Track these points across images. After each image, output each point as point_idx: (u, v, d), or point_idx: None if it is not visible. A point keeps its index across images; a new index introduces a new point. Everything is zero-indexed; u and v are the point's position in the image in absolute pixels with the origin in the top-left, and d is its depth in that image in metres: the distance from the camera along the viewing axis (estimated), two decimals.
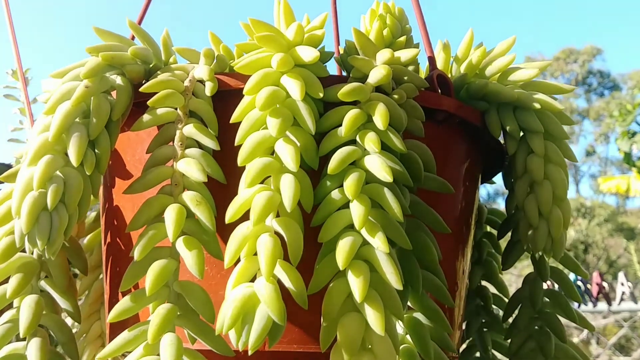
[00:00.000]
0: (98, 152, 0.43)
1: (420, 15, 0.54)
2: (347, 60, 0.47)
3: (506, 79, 0.52)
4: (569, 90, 0.53)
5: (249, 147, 0.40)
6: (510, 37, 0.55)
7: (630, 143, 4.94)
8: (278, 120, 0.40)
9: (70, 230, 0.40)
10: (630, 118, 5.00)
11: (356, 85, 0.42)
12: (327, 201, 0.41)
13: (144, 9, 0.59)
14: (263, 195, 0.39)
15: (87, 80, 0.43)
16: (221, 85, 0.45)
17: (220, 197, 0.43)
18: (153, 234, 0.40)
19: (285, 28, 0.47)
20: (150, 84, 0.43)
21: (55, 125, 0.41)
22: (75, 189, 0.40)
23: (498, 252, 0.65)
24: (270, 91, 0.41)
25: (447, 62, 0.58)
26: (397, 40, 0.52)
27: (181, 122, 0.44)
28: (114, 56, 0.45)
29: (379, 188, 0.40)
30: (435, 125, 0.48)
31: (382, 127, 0.41)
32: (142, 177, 0.42)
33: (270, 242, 0.37)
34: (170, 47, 0.51)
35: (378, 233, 0.38)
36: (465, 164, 0.53)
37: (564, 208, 0.51)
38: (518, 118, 0.51)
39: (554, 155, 0.50)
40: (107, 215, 0.51)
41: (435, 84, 0.50)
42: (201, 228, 0.41)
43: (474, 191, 0.55)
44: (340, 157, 0.40)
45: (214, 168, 0.42)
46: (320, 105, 0.44)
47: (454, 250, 0.52)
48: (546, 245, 0.51)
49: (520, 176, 0.52)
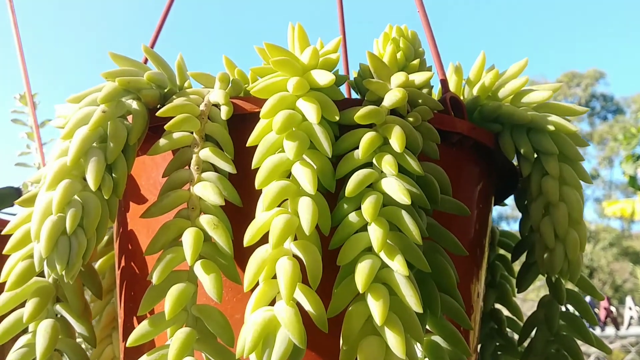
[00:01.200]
0: (115, 176, 0.43)
1: (432, 38, 0.54)
2: (362, 83, 0.47)
3: (519, 101, 0.52)
4: (582, 112, 0.53)
5: (266, 170, 0.40)
6: (522, 60, 0.55)
7: (635, 166, 4.94)
8: (295, 144, 0.40)
9: (89, 254, 0.40)
10: (635, 141, 5.00)
11: (372, 108, 0.43)
12: (344, 224, 0.41)
13: (156, 34, 0.59)
14: (281, 219, 0.39)
15: (104, 105, 0.43)
16: (237, 109, 0.45)
17: (237, 221, 0.43)
18: (171, 257, 0.40)
19: (300, 52, 0.47)
20: (167, 108, 0.43)
21: (74, 150, 0.41)
22: (93, 213, 0.40)
23: (511, 274, 0.65)
24: (287, 114, 0.41)
25: (459, 84, 0.58)
26: (410, 63, 0.52)
27: (197, 146, 0.44)
28: (130, 81, 0.45)
29: (397, 211, 0.40)
30: (449, 147, 0.49)
31: (399, 150, 0.41)
32: (159, 201, 0.42)
33: (290, 265, 0.37)
34: (185, 71, 0.51)
35: (397, 256, 0.38)
36: (479, 186, 0.53)
37: (580, 230, 0.51)
38: (532, 140, 0.51)
39: (569, 177, 0.50)
40: (122, 240, 0.51)
41: (449, 107, 0.50)
42: (218, 251, 0.41)
43: (488, 213, 0.55)
44: (357, 180, 0.40)
45: (230, 191, 0.42)
46: (335, 128, 0.44)
47: (469, 272, 0.52)
48: (563, 267, 0.50)
49: (535, 198, 0.52)
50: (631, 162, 4.94)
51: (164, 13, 0.61)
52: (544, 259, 0.52)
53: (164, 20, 0.61)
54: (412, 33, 0.54)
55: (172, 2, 0.62)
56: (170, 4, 0.61)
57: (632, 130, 5.09)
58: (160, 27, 0.60)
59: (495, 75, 0.54)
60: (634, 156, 4.95)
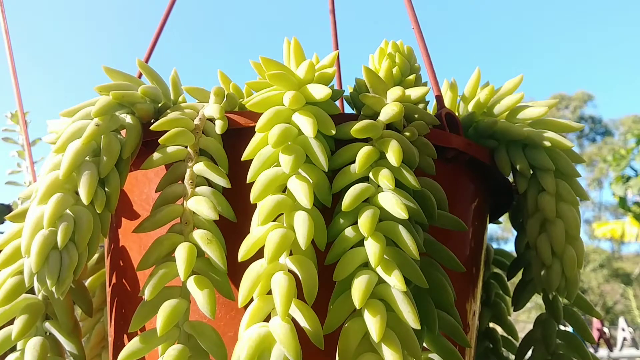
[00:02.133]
0: (108, 190, 0.43)
1: (427, 54, 0.54)
2: (358, 98, 0.47)
3: (515, 117, 0.52)
4: (578, 128, 0.53)
5: (262, 184, 0.40)
6: (517, 76, 0.55)
7: (624, 187, 4.96)
8: (291, 158, 0.40)
9: (80, 269, 0.39)
10: (624, 163, 5.03)
11: (369, 122, 0.42)
12: (341, 239, 0.40)
13: (151, 49, 0.59)
14: (277, 233, 0.38)
15: (97, 119, 0.43)
16: (231, 123, 0.45)
17: (231, 236, 0.42)
18: (163, 273, 0.39)
19: (296, 67, 0.47)
20: (161, 122, 0.43)
21: (66, 164, 0.40)
22: (85, 228, 0.40)
23: (506, 293, 0.65)
24: (283, 128, 0.41)
25: (454, 100, 0.58)
26: (406, 78, 0.52)
27: (191, 160, 0.43)
28: (125, 95, 0.45)
29: (394, 225, 0.39)
30: (445, 163, 0.48)
31: (396, 164, 0.40)
32: (152, 216, 0.42)
33: (285, 280, 0.37)
34: (180, 86, 0.51)
35: (394, 271, 0.37)
36: (474, 203, 0.52)
37: (577, 247, 0.50)
38: (528, 156, 0.51)
39: (566, 194, 0.50)
40: (113, 256, 0.50)
41: (444, 122, 0.50)
42: (212, 267, 0.40)
43: (483, 230, 0.55)
44: (354, 194, 0.40)
45: (224, 206, 0.42)
46: (332, 143, 0.43)
47: (465, 290, 0.51)
48: (560, 284, 0.50)
49: (532, 215, 0.51)
50: (621, 184, 4.97)
51: (159, 28, 0.61)
52: (541, 276, 0.51)
53: (159, 35, 0.61)
54: (407, 48, 0.54)
55: (167, 17, 0.61)
56: (165, 19, 0.61)
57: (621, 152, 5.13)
58: (155, 42, 0.59)
59: (491, 91, 0.54)
60: (623, 177, 4.98)
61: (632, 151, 5.06)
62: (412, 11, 0.55)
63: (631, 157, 5.05)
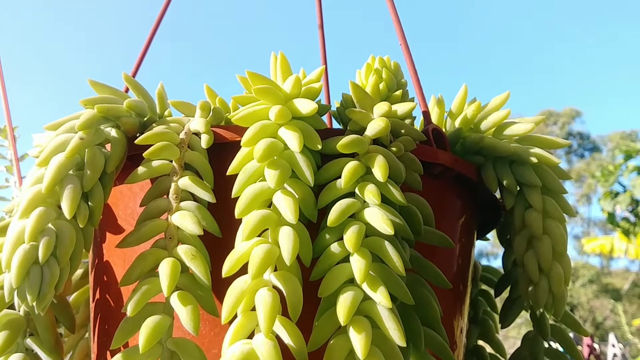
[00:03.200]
0: (91, 204, 0.42)
1: (414, 70, 0.54)
2: (345, 113, 0.46)
3: (501, 134, 0.52)
4: (565, 144, 0.53)
5: (247, 199, 0.40)
6: (504, 93, 0.55)
7: (613, 203, 4.98)
8: (276, 172, 0.40)
9: (62, 284, 0.39)
10: (613, 178, 5.05)
11: (355, 137, 0.42)
12: (326, 255, 0.40)
13: (138, 62, 0.59)
14: (261, 249, 0.38)
15: (81, 132, 0.42)
16: (217, 137, 0.44)
17: (216, 251, 0.42)
18: (146, 288, 0.39)
19: (282, 81, 0.47)
20: (146, 136, 0.43)
21: (49, 177, 0.40)
22: (67, 242, 0.39)
23: (494, 310, 0.64)
24: (269, 143, 0.40)
25: (441, 116, 0.58)
26: (393, 94, 0.52)
27: (176, 175, 0.43)
28: (110, 108, 0.44)
29: (380, 241, 0.39)
30: (431, 179, 0.48)
31: (382, 179, 0.40)
32: (136, 230, 0.41)
33: (269, 296, 0.36)
34: (166, 100, 0.50)
35: (380, 288, 0.37)
36: (462, 219, 0.52)
37: (564, 264, 0.50)
38: (515, 172, 0.51)
39: (553, 210, 0.50)
40: (97, 271, 0.50)
41: (431, 138, 0.49)
42: (196, 283, 0.40)
43: (470, 247, 0.55)
44: (339, 210, 0.40)
45: (209, 221, 0.41)
46: (318, 158, 0.43)
47: (452, 307, 0.51)
48: (547, 301, 0.50)
49: (519, 231, 0.51)
50: (609, 199, 4.99)
51: (147, 42, 0.61)
52: (528, 293, 0.51)
53: (147, 49, 0.60)
54: (394, 64, 0.54)
55: (155, 31, 0.61)
56: (153, 33, 0.61)
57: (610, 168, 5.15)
58: (143, 56, 0.59)
59: (478, 107, 0.54)
60: (612, 193, 5.00)
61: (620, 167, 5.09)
62: (400, 27, 0.55)
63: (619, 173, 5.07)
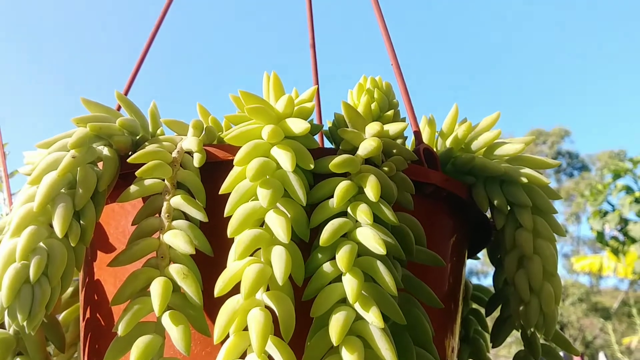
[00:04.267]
0: (83, 223, 0.42)
1: (406, 90, 0.55)
2: (337, 133, 0.47)
3: (492, 154, 0.53)
4: (554, 165, 0.53)
5: (239, 218, 0.40)
6: (494, 113, 0.55)
7: (602, 222, 5.01)
8: (269, 191, 0.40)
9: (53, 304, 0.38)
10: (602, 198, 5.08)
11: (347, 157, 0.42)
12: (318, 274, 0.40)
13: (131, 81, 0.59)
14: (253, 268, 0.38)
15: (74, 151, 0.42)
16: (210, 156, 0.44)
17: (207, 270, 0.42)
18: (138, 308, 0.39)
19: (275, 101, 0.47)
20: (138, 155, 0.43)
21: (41, 196, 0.40)
22: (59, 261, 0.39)
23: (485, 329, 0.64)
24: (261, 162, 0.41)
25: (433, 136, 0.58)
26: (384, 114, 0.52)
27: (168, 193, 0.43)
28: (102, 127, 0.44)
29: (372, 261, 0.39)
30: (423, 198, 0.48)
31: (374, 199, 0.40)
32: (127, 249, 0.41)
33: (262, 316, 0.36)
34: (158, 118, 0.51)
35: (372, 307, 0.37)
36: (453, 239, 0.52)
37: (554, 283, 0.50)
38: (505, 192, 0.51)
39: (543, 230, 0.50)
40: (87, 290, 0.49)
41: (422, 158, 0.50)
42: (188, 302, 0.40)
43: (461, 266, 0.55)
44: (332, 229, 0.40)
45: (201, 240, 0.41)
46: (310, 177, 0.43)
47: (443, 327, 0.51)
48: (538, 321, 0.50)
49: (509, 251, 0.51)
50: (598, 218, 5.02)
51: (139, 61, 0.61)
52: (519, 313, 0.51)
53: (139, 67, 0.61)
54: (386, 84, 0.54)
55: (147, 50, 0.61)
56: (145, 51, 0.61)
57: (598, 187, 5.18)
58: (135, 74, 0.59)
59: (468, 127, 0.54)
60: (600, 212, 5.02)
61: (608, 186, 5.12)
62: (391, 48, 0.56)
63: (608, 192, 5.10)
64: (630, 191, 4.92)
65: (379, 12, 0.58)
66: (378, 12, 0.58)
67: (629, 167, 5.00)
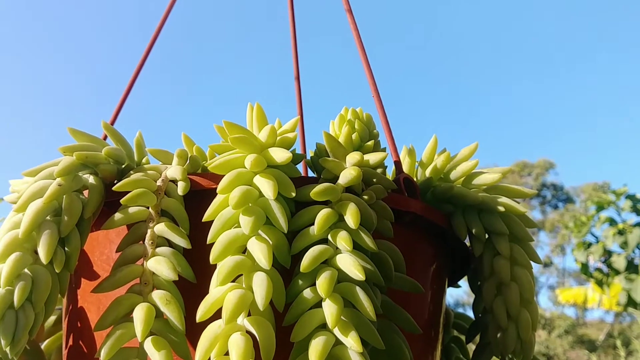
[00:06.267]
0: (68, 250, 0.43)
1: (386, 121, 0.56)
2: (318, 162, 0.48)
3: (470, 183, 0.54)
4: (530, 194, 0.54)
5: (221, 245, 0.40)
6: (472, 144, 0.57)
7: (586, 254, 5.03)
8: (251, 219, 0.41)
9: (36, 329, 0.39)
10: (585, 229, 5.12)
11: (328, 185, 0.43)
12: (299, 300, 0.40)
13: (117, 111, 0.60)
14: (235, 294, 0.38)
15: (60, 179, 0.43)
16: (194, 185, 0.45)
17: (190, 297, 0.43)
18: (121, 333, 0.39)
19: (258, 131, 0.49)
20: (123, 183, 0.44)
21: (26, 223, 0.40)
22: (43, 287, 0.40)
23: (466, 357, 0.65)
24: (244, 190, 0.42)
25: (413, 166, 0.60)
26: (365, 144, 0.53)
27: (152, 221, 0.44)
28: (88, 155, 0.45)
29: (352, 287, 0.40)
30: (403, 227, 0.49)
31: (354, 226, 0.41)
32: (111, 276, 0.42)
33: (242, 341, 0.37)
34: (144, 148, 0.51)
35: (351, 332, 0.38)
36: (433, 266, 0.53)
37: (531, 310, 0.51)
38: (483, 220, 0.52)
39: (520, 257, 0.51)
40: (71, 317, 0.50)
41: (402, 187, 0.51)
42: (170, 328, 0.40)
43: (442, 294, 0.56)
44: (312, 256, 0.41)
45: (184, 267, 0.42)
46: (292, 205, 0.44)
47: (424, 353, 0.51)
48: (516, 347, 0.51)
49: (488, 278, 0.52)
50: (582, 250, 5.04)
51: (126, 91, 0.62)
52: (497, 339, 0.52)
53: (126, 97, 0.62)
54: (367, 115, 0.56)
55: (134, 80, 0.63)
56: (132, 82, 0.62)
57: (583, 219, 5.22)
58: (122, 105, 0.60)
59: (447, 157, 0.55)
60: (585, 244, 5.05)
61: (592, 218, 5.16)
62: (372, 80, 0.57)
63: (592, 224, 5.14)
64: (613, 223, 4.96)
65: (361, 46, 0.60)
66: (360, 46, 0.60)
67: (612, 199, 5.05)
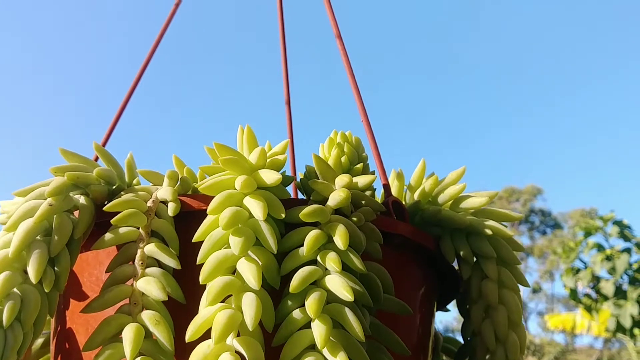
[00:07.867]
0: (58, 270, 0.43)
1: (375, 145, 0.57)
2: (308, 184, 0.48)
3: (458, 206, 0.55)
4: (517, 218, 0.55)
5: (211, 265, 0.41)
6: (460, 168, 0.58)
7: (575, 280, 5.05)
8: (240, 240, 0.41)
9: (25, 349, 0.39)
10: (574, 255, 5.14)
11: (317, 207, 0.44)
12: (288, 321, 0.41)
13: (109, 132, 0.60)
14: (224, 314, 0.38)
15: (51, 199, 0.43)
16: (184, 206, 0.46)
17: (180, 317, 0.43)
18: (110, 353, 0.39)
19: (249, 153, 0.49)
20: (114, 203, 0.44)
21: (16, 242, 0.41)
22: (32, 307, 0.40)
23: None
24: (234, 211, 0.42)
25: (401, 189, 0.60)
26: (354, 167, 0.54)
27: (143, 241, 0.44)
28: (80, 176, 0.46)
29: (340, 308, 0.40)
30: (392, 249, 0.50)
31: (343, 247, 0.42)
32: (100, 296, 0.42)
33: None
34: (134, 169, 0.52)
35: (340, 353, 0.38)
36: (422, 289, 0.54)
37: (519, 332, 0.52)
38: (471, 244, 0.53)
39: (508, 280, 0.52)
40: (59, 339, 0.50)
41: (391, 210, 0.51)
42: (159, 348, 0.40)
43: (431, 317, 0.56)
44: (301, 277, 0.41)
45: (173, 287, 0.42)
46: (281, 226, 0.45)
47: None
48: None
49: (476, 301, 0.53)
50: (571, 276, 5.06)
51: (118, 112, 0.63)
52: None
53: (118, 118, 0.62)
54: (356, 139, 0.56)
55: (126, 102, 0.63)
56: (124, 104, 0.63)
57: (571, 245, 5.25)
58: (114, 126, 0.61)
59: (435, 181, 0.56)
60: (573, 269, 5.08)
61: (580, 244, 5.19)
62: (362, 104, 0.58)
63: (580, 249, 5.17)
64: (601, 249, 4.98)
65: (350, 71, 0.60)
66: (349, 71, 0.60)
67: (599, 225, 5.08)
